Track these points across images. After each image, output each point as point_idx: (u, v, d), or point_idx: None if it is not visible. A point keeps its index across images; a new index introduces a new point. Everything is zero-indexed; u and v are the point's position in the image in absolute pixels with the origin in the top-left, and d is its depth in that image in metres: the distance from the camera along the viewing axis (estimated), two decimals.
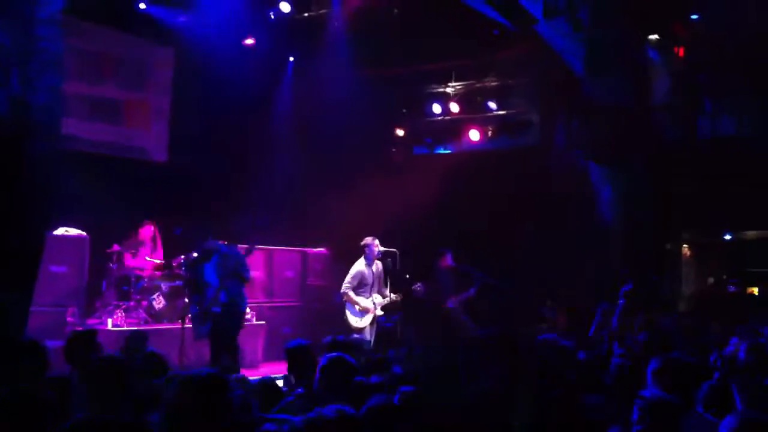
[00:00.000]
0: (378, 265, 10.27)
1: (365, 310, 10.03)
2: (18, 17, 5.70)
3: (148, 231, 11.26)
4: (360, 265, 10.12)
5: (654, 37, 12.22)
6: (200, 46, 12.37)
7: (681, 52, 12.42)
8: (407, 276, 11.41)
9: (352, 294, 10.02)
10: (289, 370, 5.84)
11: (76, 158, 10.01)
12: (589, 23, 11.72)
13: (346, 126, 14.14)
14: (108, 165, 11.88)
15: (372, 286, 10.14)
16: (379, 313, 10.20)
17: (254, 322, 11.69)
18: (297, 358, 5.77)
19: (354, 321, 10.00)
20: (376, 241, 10.15)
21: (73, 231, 10.26)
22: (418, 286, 10.50)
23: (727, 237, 14.20)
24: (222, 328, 9.15)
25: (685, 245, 14.06)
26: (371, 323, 10.07)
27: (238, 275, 9.35)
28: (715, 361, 5.72)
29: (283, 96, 13.92)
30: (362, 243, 10.15)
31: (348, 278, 10.09)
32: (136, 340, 7.09)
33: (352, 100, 14.11)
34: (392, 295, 10.28)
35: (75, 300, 10.08)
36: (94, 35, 11.79)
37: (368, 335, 10.01)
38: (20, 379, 4.18)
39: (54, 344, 6.08)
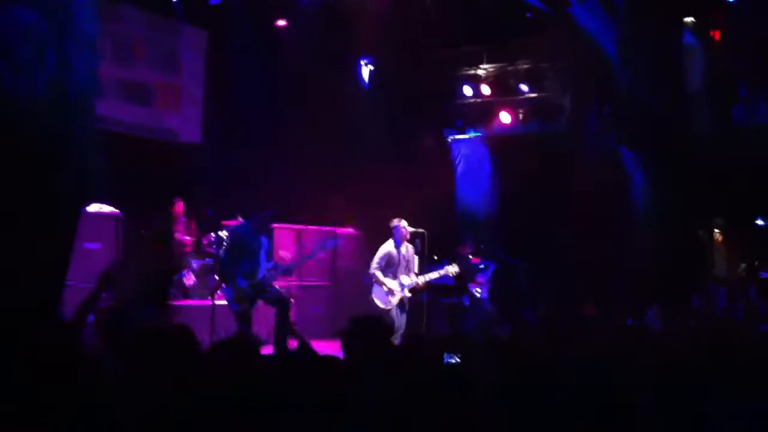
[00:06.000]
0: (408, 247, 10.23)
1: (391, 292, 10.02)
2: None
3: (178, 209, 11.40)
4: (389, 246, 10.09)
5: (689, 19, 12.05)
6: (235, 28, 12.43)
7: (717, 35, 12.25)
8: (435, 257, 11.43)
9: (380, 274, 9.97)
10: None
11: (108, 138, 10.14)
12: (621, 6, 11.61)
13: (378, 107, 14.17)
14: (141, 146, 12.03)
15: (399, 267, 10.12)
16: (408, 295, 10.18)
17: None
18: None
19: (380, 302, 9.96)
20: (403, 222, 10.11)
21: (107, 208, 10.36)
22: None
23: (760, 222, 14.03)
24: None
25: (717, 230, 13.92)
26: (399, 305, 10.10)
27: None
28: None
29: (317, 78, 13.89)
30: (390, 224, 10.17)
31: (376, 259, 10.06)
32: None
33: (383, 81, 14.13)
34: (418, 278, 10.26)
35: None
36: (126, 17, 11.87)
37: (395, 317, 9.98)
38: None
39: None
